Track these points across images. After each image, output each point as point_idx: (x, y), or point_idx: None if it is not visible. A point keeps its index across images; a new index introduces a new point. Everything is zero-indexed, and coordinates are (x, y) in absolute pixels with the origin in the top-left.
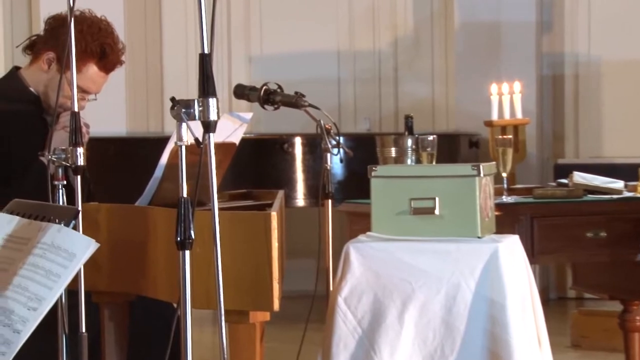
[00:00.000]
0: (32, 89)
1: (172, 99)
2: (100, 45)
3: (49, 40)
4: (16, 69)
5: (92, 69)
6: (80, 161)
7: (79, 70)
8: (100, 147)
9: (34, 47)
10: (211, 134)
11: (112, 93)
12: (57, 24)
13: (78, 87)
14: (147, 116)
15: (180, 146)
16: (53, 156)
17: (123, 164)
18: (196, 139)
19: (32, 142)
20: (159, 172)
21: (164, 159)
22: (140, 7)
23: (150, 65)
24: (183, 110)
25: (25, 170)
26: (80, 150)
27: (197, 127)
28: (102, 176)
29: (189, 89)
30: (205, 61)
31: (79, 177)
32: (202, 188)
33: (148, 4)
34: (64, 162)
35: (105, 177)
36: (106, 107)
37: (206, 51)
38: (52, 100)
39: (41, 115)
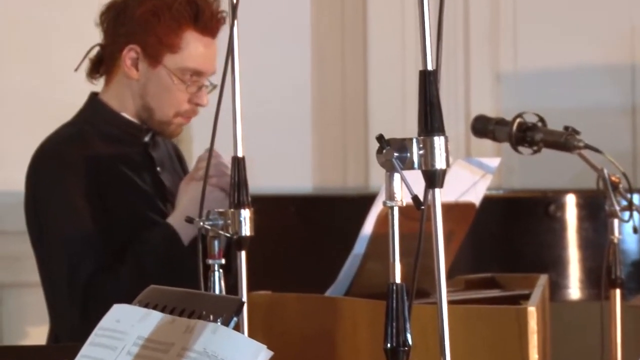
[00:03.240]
0: (124, 114)
1: (379, 138)
2: (187, 1)
3: (118, 36)
4: (94, 95)
5: (192, 36)
6: (247, 230)
7: (177, 47)
8: (274, 208)
9: (102, 61)
10: (437, 190)
11: (291, 131)
12: (116, 11)
13: (187, 70)
14: (344, 164)
15: (392, 208)
16: (206, 222)
17: (307, 232)
18: (415, 198)
19: (139, 195)
20: (360, 246)
21: (368, 227)
22: (335, 9)
23: (350, 91)
24: (396, 154)
25: (143, 241)
26: (247, 214)
27: (417, 180)
28: (275, 249)
29: (406, 124)
30: (428, 82)
31: (243, 253)
32: (424, 270)
33: (347, 5)
34: (221, 231)
35: (280, 250)
36: (283, 152)
37: (430, 68)
38: (162, 112)
39: (146, 151)
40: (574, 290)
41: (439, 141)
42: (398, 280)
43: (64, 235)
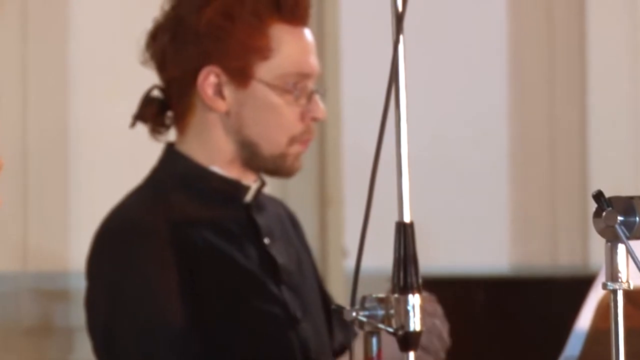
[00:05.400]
0: (214, 168)
1: (597, 196)
2: None
3: (184, 62)
4: (171, 146)
5: (281, 29)
6: (416, 323)
7: (267, 49)
8: (455, 293)
9: (166, 107)
10: None
11: (480, 189)
12: (171, 32)
13: (289, 77)
14: (553, 234)
15: (614, 292)
16: (361, 312)
17: (501, 325)
18: None
19: (242, 276)
20: (574, 347)
21: (585, 320)
22: (539, 16)
23: (561, 131)
24: (620, 218)
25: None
26: (416, 302)
27: None
28: (458, 348)
29: (639, 177)
30: None
31: (412, 354)
32: None
33: (557, 9)
34: (382, 325)
35: (464, 349)
36: (469, 218)
37: None
38: (272, 144)
39: (249, 215)
40: None
41: None
42: None
43: (140, 337)
